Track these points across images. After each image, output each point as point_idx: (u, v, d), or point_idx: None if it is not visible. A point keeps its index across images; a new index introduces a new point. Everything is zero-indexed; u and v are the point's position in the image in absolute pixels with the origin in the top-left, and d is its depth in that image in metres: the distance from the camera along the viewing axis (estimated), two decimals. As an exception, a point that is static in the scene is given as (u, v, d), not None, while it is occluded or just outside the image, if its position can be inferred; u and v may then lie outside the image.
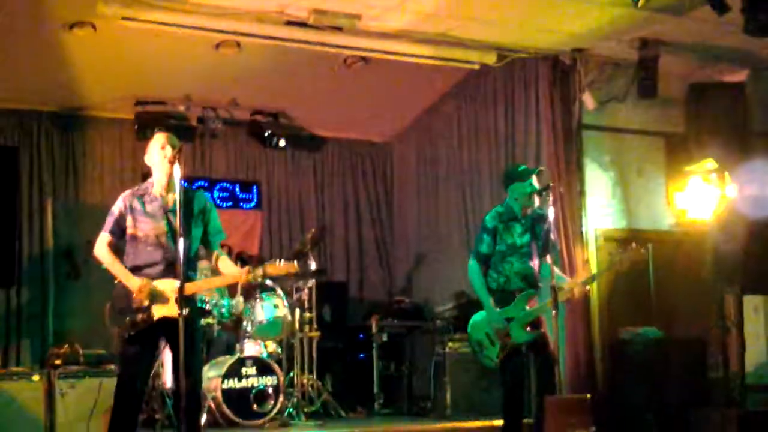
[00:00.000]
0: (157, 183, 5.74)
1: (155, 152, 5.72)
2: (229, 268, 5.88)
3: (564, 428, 4.19)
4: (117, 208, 5.73)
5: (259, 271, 5.64)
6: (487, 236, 6.86)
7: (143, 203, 5.69)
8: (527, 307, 6.75)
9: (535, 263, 6.85)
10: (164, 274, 5.58)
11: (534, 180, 6.84)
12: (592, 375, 8.31)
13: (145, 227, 5.65)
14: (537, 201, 6.86)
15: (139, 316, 5.51)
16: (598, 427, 6.12)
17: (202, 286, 5.64)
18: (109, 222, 5.71)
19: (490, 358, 6.85)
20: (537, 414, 6.69)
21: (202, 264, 6.14)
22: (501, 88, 9.66)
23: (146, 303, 5.51)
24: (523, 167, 7.09)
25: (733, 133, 8.31)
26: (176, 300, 5.40)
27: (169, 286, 5.52)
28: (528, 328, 6.73)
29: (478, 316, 6.94)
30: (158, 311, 5.52)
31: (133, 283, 5.55)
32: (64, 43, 8.62)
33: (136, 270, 5.62)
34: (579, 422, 4.18)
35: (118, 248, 5.72)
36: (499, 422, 6.99)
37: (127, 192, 5.80)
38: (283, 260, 5.72)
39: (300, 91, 10.25)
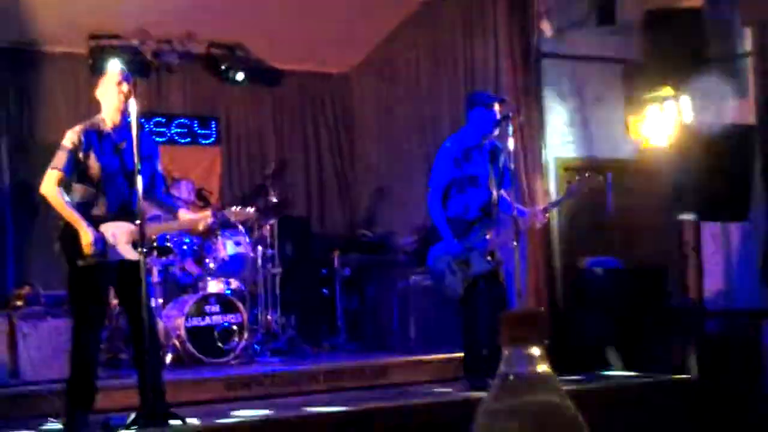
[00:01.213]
0: (108, 119, 5.58)
1: (109, 88, 5.58)
2: (186, 212, 5.84)
3: (517, 341, 4.18)
4: (69, 141, 5.49)
5: (220, 216, 5.61)
6: (446, 164, 6.83)
7: (96, 140, 5.51)
8: (487, 237, 6.77)
9: (493, 193, 6.86)
10: (115, 216, 5.48)
11: (497, 107, 6.82)
12: (554, 305, 8.37)
13: (97, 165, 5.48)
14: (497, 131, 6.85)
15: (91, 258, 5.38)
16: (558, 360, 6.19)
17: (161, 229, 5.56)
18: (61, 158, 5.47)
19: (454, 289, 6.88)
20: (489, 344, 6.71)
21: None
22: (459, 15, 9.57)
23: (96, 253, 5.38)
24: (487, 93, 7.06)
25: (690, 59, 8.27)
26: (133, 243, 5.36)
27: (121, 228, 5.44)
28: (488, 258, 6.76)
29: (438, 248, 6.94)
30: (113, 254, 5.43)
31: (86, 235, 5.36)
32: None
33: (84, 207, 5.46)
34: (532, 335, 4.16)
35: (68, 185, 5.51)
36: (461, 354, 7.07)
37: (79, 127, 5.58)
38: (240, 207, 5.69)
39: (257, 21, 10.06)
